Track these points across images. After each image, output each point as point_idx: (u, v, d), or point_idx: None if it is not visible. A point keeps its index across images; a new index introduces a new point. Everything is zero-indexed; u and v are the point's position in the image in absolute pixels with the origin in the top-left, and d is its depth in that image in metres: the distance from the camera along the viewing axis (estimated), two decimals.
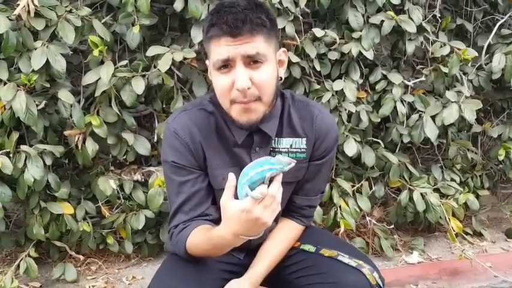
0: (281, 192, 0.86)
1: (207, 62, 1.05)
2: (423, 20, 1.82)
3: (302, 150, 1.07)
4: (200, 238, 0.98)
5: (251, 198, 0.83)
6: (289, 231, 1.14)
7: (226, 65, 0.94)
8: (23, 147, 1.54)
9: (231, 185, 0.86)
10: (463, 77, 1.95)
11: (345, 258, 1.02)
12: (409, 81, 1.92)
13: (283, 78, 1.05)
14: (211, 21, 0.95)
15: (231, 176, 0.87)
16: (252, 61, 0.93)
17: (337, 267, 1.02)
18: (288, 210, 1.16)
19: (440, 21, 1.94)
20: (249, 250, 1.15)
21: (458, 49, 1.85)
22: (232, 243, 0.92)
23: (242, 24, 0.91)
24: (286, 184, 1.05)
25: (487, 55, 2.02)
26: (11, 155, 1.51)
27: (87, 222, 1.70)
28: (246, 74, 0.92)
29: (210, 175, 1.05)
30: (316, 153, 1.09)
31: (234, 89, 0.94)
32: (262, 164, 0.85)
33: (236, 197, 0.87)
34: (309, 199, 1.14)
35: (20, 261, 1.63)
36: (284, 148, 1.05)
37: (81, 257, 1.76)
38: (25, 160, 1.52)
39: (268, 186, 0.84)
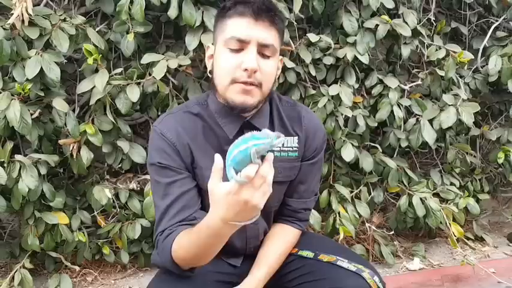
0: (272, 174, 0.79)
1: (208, 44, 1.06)
2: (418, 24, 1.82)
3: (294, 149, 1.06)
4: (186, 238, 0.91)
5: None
6: (286, 235, 1.12)
7: (238, 48, 0.95)
8: (18, 157, 1.53)
9: (218, 168, 0.80)
10: (460, 80, 1.94)
11: (344, 263, 1.01)
12: (405, 85, 1.91)
13: (277, 82, 1.06)
14: (236, 0, 0.97)
15: (217, 157, 0.80)
16: (263, 52, 0.96)
17: (337, 273, 1.00)
18: (284, 214, 1.15)
19: (435, 24, 1.94)
20: (246, 256, 1.12)
21: (454, 52, 1.85)
22: (223, 233, 0.84)
23: (266, 11, 0.95)
24: (278, 184, 1.06)
25: (483, 58, 2.02)
26: (5, 165, 1.50)
27: (83, 232, 1.68)
28: (257, 58, 0.95)
29: (200, 176, 1.03)
30: (307, 152, 1.10)
31: (239, 69, 0.94)
32: (246, 140, 0.76)
33: (227, 180, 0.79)
34: (304, 201, 1.13)
35: (15, 272, 1.60)
36: (276, 147, 1.04)
37: (77, 268, 1.74)
38: (19, 170, 1.51)
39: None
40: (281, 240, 1.11)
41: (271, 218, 1.15)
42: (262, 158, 0.77)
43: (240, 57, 0.94)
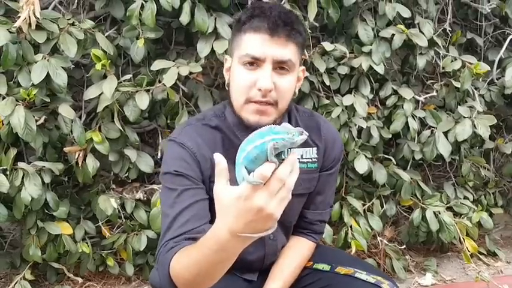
0: (295, 176, 0.66)
1: (226, 57, 1.04)
2: (433, 34, 1.78)
3: (313, 160, 1.02)
4: (186, 254, 0.79)
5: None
6: (301, 248, 1.10)
7: (252, 62, 0.92)
8: (21, 164, 1.48)
9: (221, 168, 0.67)
10: (475, 92, 1.90)
11: (362, 275, 0.98)
12: (420, 96, 1.87)
13: (297, 94, 1.03)
14: (252, 12, 0.95)
15: (217, 156, 0.68)
16: (280, 67, 0.94)
17: (356, 285, 0.97)
18: (299, 227, 1.12)
19: (450, 35, 1.90)
20: (262, 271, 1.09)
21: (470, 63, 1.81)
22: (230, 248, 0.70)
23: (283, 26, 0.92)
24: (298, 196, 1.04)
25: (498, 69, 1.98)
26: (7, 173, 1.46)
27: (87, 243, 1.64)
28: (272, 76, 0.92)
29: None
30: (325, 163, 1.08)
31: (254, 88, 0.92)
32: (263, 135, 0.63)
33: (237, 183, 0.67)
34: (320, 213, 1.12)
35: (15, 284, 1.55)
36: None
37: (80, 280, 1.69)
38: (22, 178, 1.46)
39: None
40: (296, 253, 1.09)
41: (290, 232, 1.12)
42: (281, 161, 0.64)
43: (255, 75, 0.92)
